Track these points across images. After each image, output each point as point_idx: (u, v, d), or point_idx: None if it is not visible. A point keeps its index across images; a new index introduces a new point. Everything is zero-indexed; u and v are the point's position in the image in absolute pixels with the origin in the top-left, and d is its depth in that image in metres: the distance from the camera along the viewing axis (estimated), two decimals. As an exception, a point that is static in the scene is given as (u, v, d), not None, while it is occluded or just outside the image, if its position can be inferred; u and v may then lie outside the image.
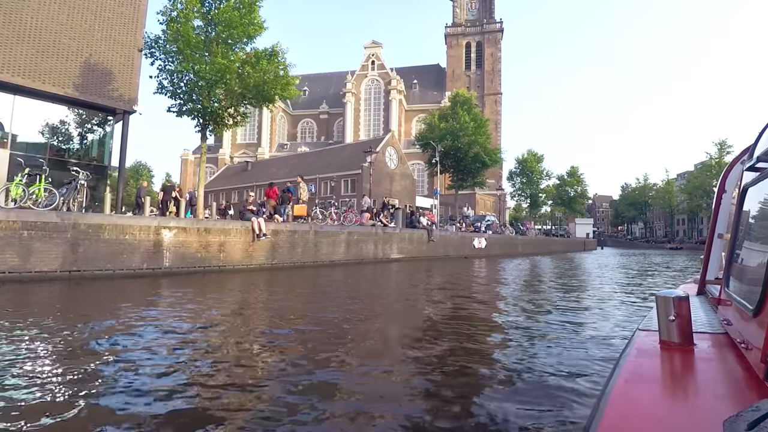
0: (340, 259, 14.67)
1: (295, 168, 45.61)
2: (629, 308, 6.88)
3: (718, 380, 1.15)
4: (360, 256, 15.54)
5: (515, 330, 5.18)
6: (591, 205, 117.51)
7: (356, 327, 5.25)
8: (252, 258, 12.11)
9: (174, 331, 4.66)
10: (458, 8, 76.66)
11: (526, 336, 4.81)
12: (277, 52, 14.44)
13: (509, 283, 11.12)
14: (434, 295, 8.27)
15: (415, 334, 4.89)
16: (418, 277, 12.26)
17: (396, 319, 6.03)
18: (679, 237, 75.82)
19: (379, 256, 16.54)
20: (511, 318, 6.00)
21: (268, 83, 13.48)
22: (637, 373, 1.16)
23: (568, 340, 4.58)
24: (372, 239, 16.17)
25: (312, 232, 13.72)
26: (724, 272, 1.80)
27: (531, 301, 7.62)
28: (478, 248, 25.12)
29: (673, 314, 1.32)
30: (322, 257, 14.04)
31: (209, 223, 11.50)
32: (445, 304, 7.13)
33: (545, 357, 3.90)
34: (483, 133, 28.36)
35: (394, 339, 4.75)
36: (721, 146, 55.48)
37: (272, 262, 12.56)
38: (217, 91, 13.34)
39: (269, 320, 5.68)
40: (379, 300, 7.70)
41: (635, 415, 0.92)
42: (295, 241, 13.19)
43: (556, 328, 5.15)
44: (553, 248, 39.83)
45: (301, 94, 16.00)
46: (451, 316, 6.11)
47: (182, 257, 10.79)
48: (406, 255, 18.18)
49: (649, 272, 15.62)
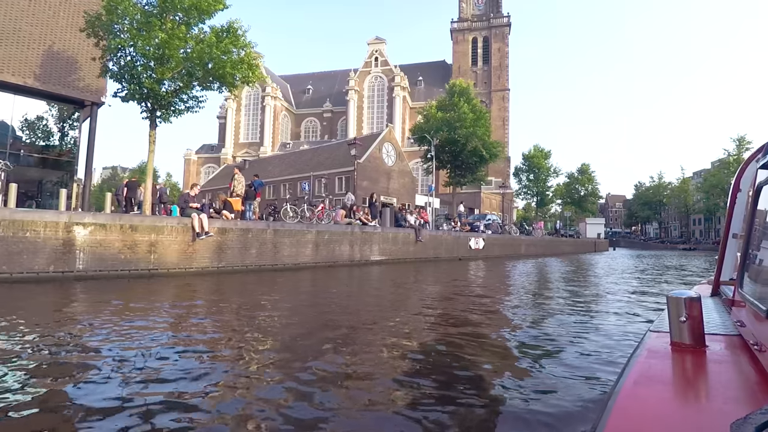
0: (306, 261, 12.84)
1: (291, 166, 44.12)
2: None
3: (729, 382, 1.11)
4: (332, 258, 13.69)
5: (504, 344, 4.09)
6: (603, 205, 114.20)
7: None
8: (192, 260, 10.36)
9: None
10: (464, 3, 74.96)
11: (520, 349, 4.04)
12: (234, 29, 12.71)
13: (486, 291, 9.19)
14: (389, 305, 6.43)
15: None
16: (398, 279, 10.40)
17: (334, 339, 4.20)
18: (695, 237, 72.73)
19: (356, 259, 14.67)
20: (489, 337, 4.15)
21: (222, 63, 11.74)
22: (647, 375, 1.15)
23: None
24: (347, 239, 14.31)
25: (270, 230, 11.92)
26: (738, 273, 1.76)
27: (496, 317, 5.74)
28: (475, 249, 23.10)
29: (684, 315, 1.30)
30: (284, 259, 12.23)
31: (136, 219, 9.78)
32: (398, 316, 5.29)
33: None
34: (482, 125, 26.25)
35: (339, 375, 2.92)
36: (740, 142, 52.48)
37: (218, 266, 10.79)
38: (160, 71, 11.64)
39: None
40: (322, 311, 5.88)
41: (642, 416, 0.92)
42: (248, 241, 11.41)
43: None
44: (560, 249, 37.48)
45: (265, 78, 14.32)
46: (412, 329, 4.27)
47: (100, 259, 9.08)
48: (389, 257, 16.29)
49: (658, 279, 13.50)
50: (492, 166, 67.06)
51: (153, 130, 13.09)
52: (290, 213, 14.87)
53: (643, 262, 23.85)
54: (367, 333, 4.74)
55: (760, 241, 1.49)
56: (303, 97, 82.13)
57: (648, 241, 76.41)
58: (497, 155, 27.99)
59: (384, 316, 5.82)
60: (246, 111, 76.54)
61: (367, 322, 5.33)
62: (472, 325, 5.36)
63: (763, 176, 1.48)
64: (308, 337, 4.50)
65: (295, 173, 40.56)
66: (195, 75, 11.96)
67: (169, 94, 12.34)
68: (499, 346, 4.36)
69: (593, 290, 9.78)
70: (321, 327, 5.03)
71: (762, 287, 1.35)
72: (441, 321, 5.57)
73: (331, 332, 4.68)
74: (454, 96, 26.89)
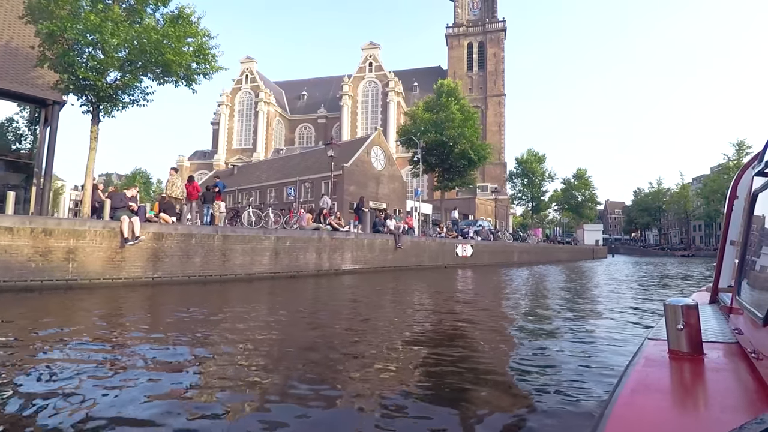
0: (262, 271, 11.50)
1: (279, 171, 42.92)
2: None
3: (726, 391, 1.11)
4: (294, 267, 12.36)
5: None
6: (602, 212, 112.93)
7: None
8: (120, 269, 9.06)
9: None
10: (459, 8, 74.78)
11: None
12: (186, 15, 11.56)
13: (467, 307, 7.87)
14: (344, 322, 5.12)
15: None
16: (366, 290, 9.09)
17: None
18: (696, 244, 71.45)
19: (324, 268, 13.34)
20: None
21: (163, 49, 10.54)
22: (644, 383, 1.14)
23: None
24: (313, 246, 12.99)
25: (218, 236, 10.61)
26: (735, 280, 1.78)
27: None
28: (463, 257, 21.77)
29: (681, 323, 1.29)
30: (235, 269, 10.91)
31: (51, 222, 8.50)
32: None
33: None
34: (471, 126, 25.00)
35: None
36: (740, 147, 51.48)
37: (153, 276, 9.47)
38: (97, 59, 10.44)
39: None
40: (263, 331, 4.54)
41: (640, 425, 0.92)
42: (190, 248, 10.10)
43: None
44: (556, 257, 36.09)
45: (219, 69, 13.15)
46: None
47: (5, 268, 7.79)
48: (363, 265, 14.96)
49: (651, 288, 12.19)
50: (488, 172, 66.21)
51: (95, 126, 11.87)
52: (252, 218, 13.62)
53: (642, 270, 22.51)
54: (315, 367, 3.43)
55: (757, 248, 1.48)
56: (298, 103, 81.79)
57: (648, 248, 74.99)
58: (486, 157, 26.73)
59: (334, 342, 4.52)
60: (239, 117, 75.96)
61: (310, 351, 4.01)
62: (455, 345, 4.11)
63: (759, 183, 1.50)
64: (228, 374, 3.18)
65: (282, 178, 39.35)
66: (135, 64, 10.76)
67: (110, 86, 11.13)
68: (487, 365, 3.85)
69: (589, 298, 8.47)
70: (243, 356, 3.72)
71: (759, 294, 1.35)
72: (418, 339, 4.29)
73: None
74: (442, 96, 25.71)
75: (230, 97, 75.26)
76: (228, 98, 74.89)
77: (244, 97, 75.57)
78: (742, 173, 2.23)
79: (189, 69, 12.43)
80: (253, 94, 74.84)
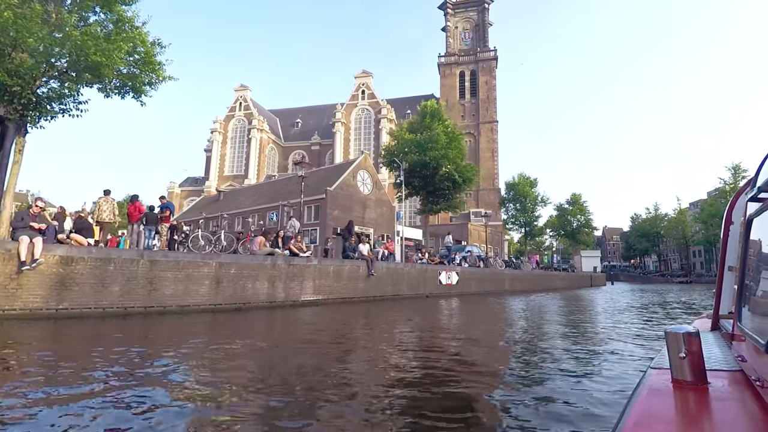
0: (200, 302, 9.98)
1: (263, 196, 41.78)
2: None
3: (732, 420, 1.10)
4: (240, 298, 10.85)
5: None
6: (601, 238, 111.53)
7: None
8: (15, 299, 7.59)
9: None
10: (451, 38, 76.56)
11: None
12: (126, 20, 10.64)
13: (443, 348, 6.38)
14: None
15: None
16: (325, 326, 7.56)
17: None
18: (696, 270, 69.78)
19: (279, 299, 11.80)
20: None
21: (96, 53, 9.49)
22: (648, 414, 1.12)
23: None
24: (265, 274, 11.51)
25: (144, 261, 9.17)
26: (736, 306, 1.77)
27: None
28: (447, 284, 20.24)
29: (683, 351, 1.26)
30: (165, 300, 9.41)
31: None
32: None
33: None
34: (455, 147, 24.04)
35: None
36: (735, 170, 51.01)
37: (58, 307, 7.99)
38: (13, 60, 9.37)
39: None
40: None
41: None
42: (108, 275, 8.65)
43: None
44: (551, 284, 34.42)
45: (167, 78, 12.19)
46: None
47: None
48: (328, 296, 13.42)
49: (653, 320, 10.69)
50: (482, 198, 65.47)
51: (21, 137, 10.70)
52: (201, 242, 12.23)
53: (646, 298, 20.93)
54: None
55: (756, 273, 1.48)
56: (292, 130, 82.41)
57: (648, 275, 73.14)
58: (472, 180, 25.63)
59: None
60: (232, 144, 76.11)
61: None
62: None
63: (753, 209, 1.51)
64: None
65: (266, 203, 38.14)
66: (58, 67, 9.69)
67: (33, 92, 10.03)
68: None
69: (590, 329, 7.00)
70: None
71: (761, 320, 1.34)
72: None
73: None
74: (426, 117, 24.88)
75: (223, 124, 75.62)
76: (221, 125, 75.23)
77: (238, 124, 75.89)
78: (736, 199, 2.25)
79: (135, 77, 11.44)
80: (246, 121, 75.22)
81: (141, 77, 11.32)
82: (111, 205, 11.45)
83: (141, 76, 11.29)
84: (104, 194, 11.16)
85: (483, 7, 74.08)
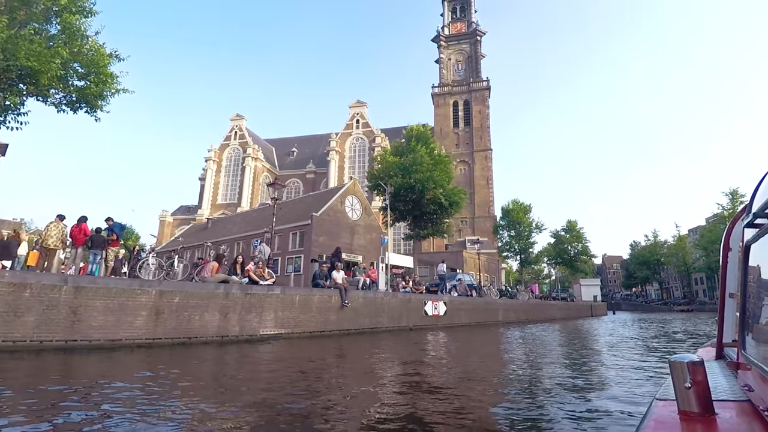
0: (134, 336, 8.73)
1: (250, 223, 40.77)
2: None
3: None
4: (185, 331, 9.57)
5: None
6: (601, 267, 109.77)
7: None
8: None
9: None
10: (444, 69, 78.15)
11: None
12: (75, 28, 9.99)
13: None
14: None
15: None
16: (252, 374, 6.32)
17: None
18: (699, 297, 67.89)
19: (232, 333, 10.50)
20: None
21: (30, 57, 8.73)
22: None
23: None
24: (216, 304, 10.28)
25: (68, 288, 8.01)
26: (739, 334, 1.72)
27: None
28: (434, 315, 18.86)
29: (689, 381, 1.21)
30: (91, 333, 8.18)
31: None
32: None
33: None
34: (441, 170, 23.28)
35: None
36: (733, 195, 50.27)
37: (-52, 346, 6.79)
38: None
39: None
40: None
41: None
42: (21, 303, 7.47)
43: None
44: (548, 315, 32.81)
45: (120, 91, 11.49)
46: None
47: None
48: (293, 329, 12.10)
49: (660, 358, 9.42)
50: (478, 225, 64.56)
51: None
52: (150, 267, 11.07)
53: (663, 329, 19.52)
54: None
55: (757, 300, 1.45)
56: (287, 159, 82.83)
57: (650, 303, 71.11)
58: (459, 203, 24.71)
59: None
60: (226, 172, 76.13)
61: None
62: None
63: (749, 235, 1.49)
64: None
65: (253, 230, 37.08)
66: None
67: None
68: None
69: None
70: None
71: (765, 348, 1.32)
72: None
73: None
74: (411, 140, 24.26)
75: (218, 153, 75.83)
76: (216, 154, 75.44)
77: (232, 153, 76.09)
78: (733, 225, 2.21)
79: (85, 90, 10.68)
80: (241, 150, 75.49)
81: (91, 88, 10.57)
82: (60, 231, 10.45)
83: (91, 87, 10.55)
84: (57, 218, 10.16)
85: (475, 40, 75.92)
